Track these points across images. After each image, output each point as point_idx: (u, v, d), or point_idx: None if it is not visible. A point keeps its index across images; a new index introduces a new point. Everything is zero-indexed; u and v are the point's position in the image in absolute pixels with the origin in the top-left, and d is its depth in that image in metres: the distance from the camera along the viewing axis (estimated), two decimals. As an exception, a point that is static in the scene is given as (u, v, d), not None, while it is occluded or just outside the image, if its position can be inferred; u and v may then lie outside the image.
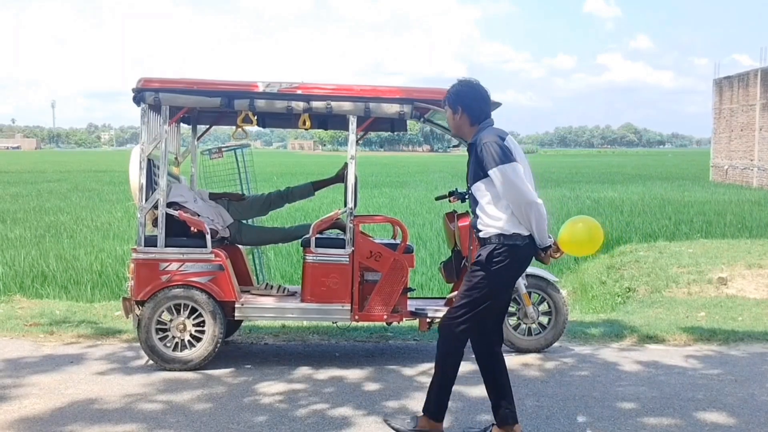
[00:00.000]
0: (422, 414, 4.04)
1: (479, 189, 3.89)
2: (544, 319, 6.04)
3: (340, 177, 6.12)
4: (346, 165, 5.74)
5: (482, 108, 4.00)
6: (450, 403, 4.68)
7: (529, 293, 5.96)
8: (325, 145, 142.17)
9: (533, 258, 3.98)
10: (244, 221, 6.17)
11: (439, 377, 3.99)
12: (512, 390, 4.08)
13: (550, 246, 3.92)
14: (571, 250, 4.07)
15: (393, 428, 4.08)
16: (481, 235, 3.90)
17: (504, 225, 3.81)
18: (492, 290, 3.87)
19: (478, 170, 3.86)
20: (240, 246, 6.21)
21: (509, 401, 4.00)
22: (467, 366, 5.60)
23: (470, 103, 3.99)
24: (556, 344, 6.11)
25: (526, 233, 3.83)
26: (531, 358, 5.85)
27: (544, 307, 6.04)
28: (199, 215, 5.65)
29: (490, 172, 3.78)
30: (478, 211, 3.93)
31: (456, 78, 4.13)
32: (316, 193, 6.36)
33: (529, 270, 6.05)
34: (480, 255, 3.86)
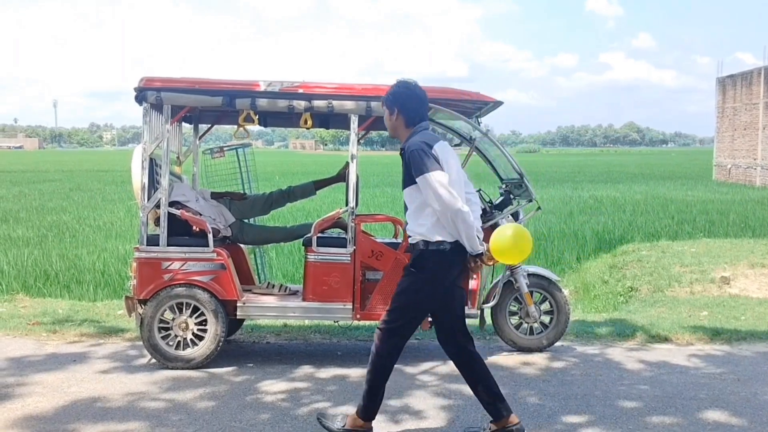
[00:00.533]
0: (354, 413, 4.04)
1: (409, 195, 3.90)
2: (546, 318, 6.04)
3: (342, 176, 6.13)
4: (347, 164, 5.75)
5: (417, 110, 3.95)
6: (451, 402, 4.71)
7: (531, 292, 5.96)
8: (326, 144, 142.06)
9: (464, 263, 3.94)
10: (246, 220, 6.18)
11: (371, 379, 3.98)
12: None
13: (482, 253, 3.88)
14: (502, 257, 4.01)
15: (324, 427, 4.08)
16: (410, 240, 3.95)
17: (427, 232, 3.82)
18: (421, 296, 3.88)
19: (407, 176, 3.86)
20: (242, 245, 6.22)
21: (498, 396, 3.99)
22: (469, 365, 5.60)
23: (406, 104, 3.94)
24: (558, 343, 6.11)
25: (452, 239, 3.82)
26: (533, 357, 5.85)
27: (546, 306, 6.04)
28: (201, 214, 5.66)
29: (417, 179, 3.77)
30: (407, 217, 3.96)
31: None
32: (317, 192, 6.37)
33: (531, 269, 6.07)
34: (409, 261, 3.91)
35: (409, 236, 3.94)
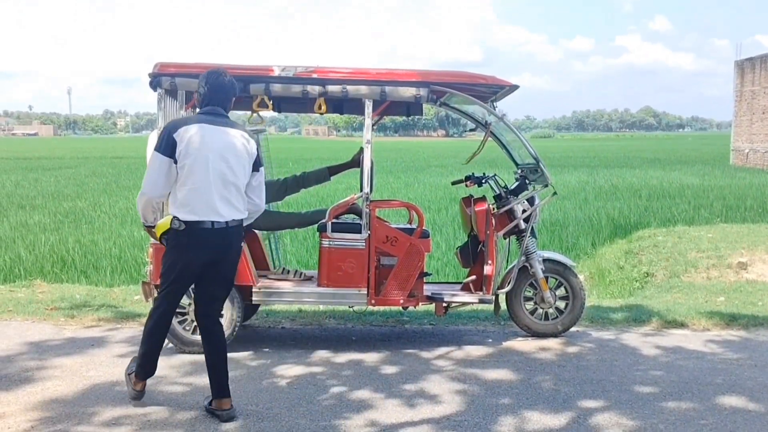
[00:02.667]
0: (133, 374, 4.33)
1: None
2: (561, 304, 6.02)
3: (356, 162, 6.12)
4: (361, 150, 5.74)
5: (205, 95, 4.19)
6: (466, 386, 4.74)
7: (546, 278, 5.94)
8: (339, 130, 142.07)
9: (207, 242, 4.10)
10: None
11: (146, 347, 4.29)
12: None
13: (150, 227, 4.24)
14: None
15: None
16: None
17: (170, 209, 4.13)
18: (166, 270, 4.17)
19: None
20: (256, 231, 6.23)
21: (222, 377, 4.28)
22: (485, 350, 5.63)
23: (199, 89, 4.24)
24: (573, 329, 6.10)
25: (187, 218, 4.03)
26: (548, 342, 5.85)
27: (561, 291, 6.02)
28: None
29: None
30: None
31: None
32: (331, 178, 6.37)
33: (547, 254, 6.05)
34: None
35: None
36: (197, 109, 4.28)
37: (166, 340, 5.52)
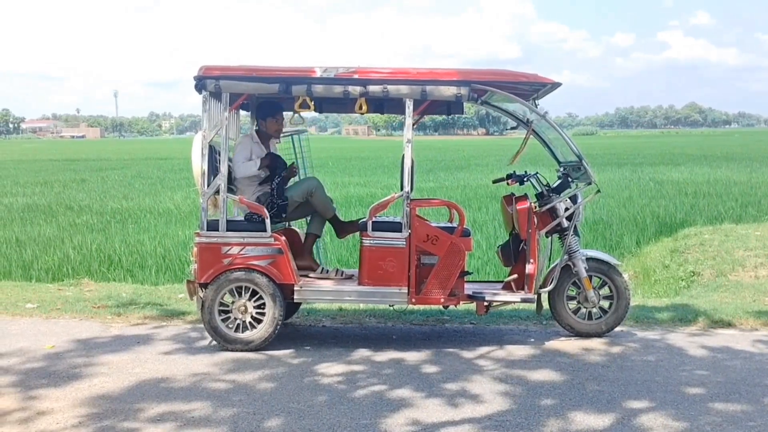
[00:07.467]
0: None
1: None
2: (606, 304, 5.94)
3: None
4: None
5: None
6: (509, 387, 4.71)
7: (590, 277, 5.87)
8: (379, 130, 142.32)
9: None
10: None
11: None
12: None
13: None
14: None
15: None
16: None
17: None
18: None
19: None
20: (298, 230, 6.29)
21: None
22: (527, 350, 5.59)
23: None
24: (618, 329, 6.01)
25: None
26: (592, 342, 5.77)
27: (605, 291, 5.94)
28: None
29: None
30: None
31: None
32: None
33: (591, 253, 5.98)
34: None
35: None
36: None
37: (210, 338, 5.65)
